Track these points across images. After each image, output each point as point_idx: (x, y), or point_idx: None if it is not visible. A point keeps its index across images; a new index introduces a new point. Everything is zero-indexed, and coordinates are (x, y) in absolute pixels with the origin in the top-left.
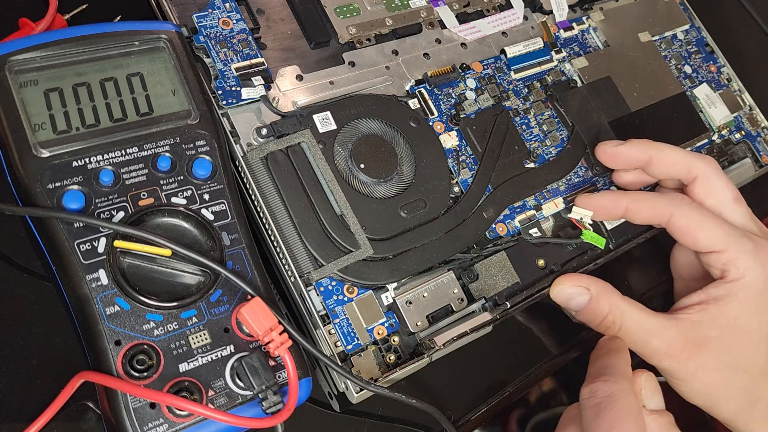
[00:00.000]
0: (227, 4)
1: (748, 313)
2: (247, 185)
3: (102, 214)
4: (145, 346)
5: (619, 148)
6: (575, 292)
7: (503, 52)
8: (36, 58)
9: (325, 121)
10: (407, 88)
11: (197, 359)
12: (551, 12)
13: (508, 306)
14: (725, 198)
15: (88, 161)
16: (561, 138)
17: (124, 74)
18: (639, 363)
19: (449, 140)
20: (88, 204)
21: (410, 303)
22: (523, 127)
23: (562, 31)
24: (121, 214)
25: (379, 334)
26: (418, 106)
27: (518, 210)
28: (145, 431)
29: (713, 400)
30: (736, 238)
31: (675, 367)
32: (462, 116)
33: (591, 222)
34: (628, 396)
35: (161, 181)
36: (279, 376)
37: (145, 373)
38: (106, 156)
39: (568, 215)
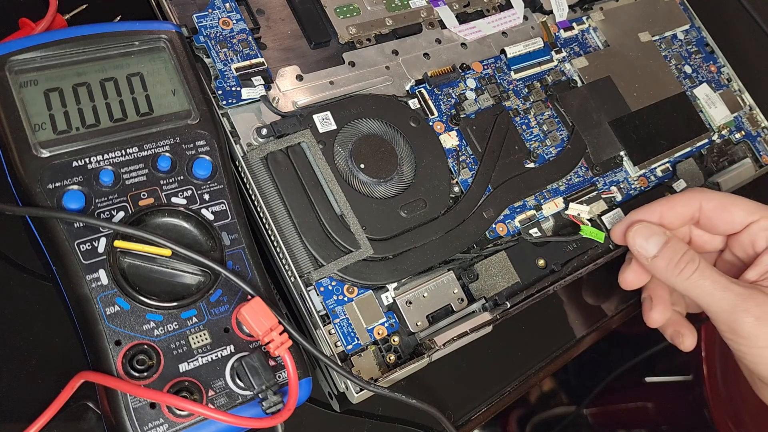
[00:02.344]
0: (227, 4)
1: None
2: (247, 185)
3: (102, 214)
4: (145, 346)
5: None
6: (653, 232)
7: (503, 52)
8: (36, 58)
9: (325, 121)
10: (407, 88)
11: (197, 359)
12: (551, 12)
13: (508, 306)
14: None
15: (88, 161)
16: (561, 138)
17: (124, 74)
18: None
19: (449, 140)
20: (88, 204)
21: (410, 303)
22: (523, 127)
23: (562, 31)
24: (121, 214)
25: (379, 334)
26: (418, 106)
27: (518, 210)
28: (145, 431)
29: None
30: (766, 208)
31: (757, 329)
32: (462, 116)
33: (588, 218)
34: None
35: (161, 181)
36: (279, 376)
37: (145, 373)
38: (106, 156)
39: (566, 212)
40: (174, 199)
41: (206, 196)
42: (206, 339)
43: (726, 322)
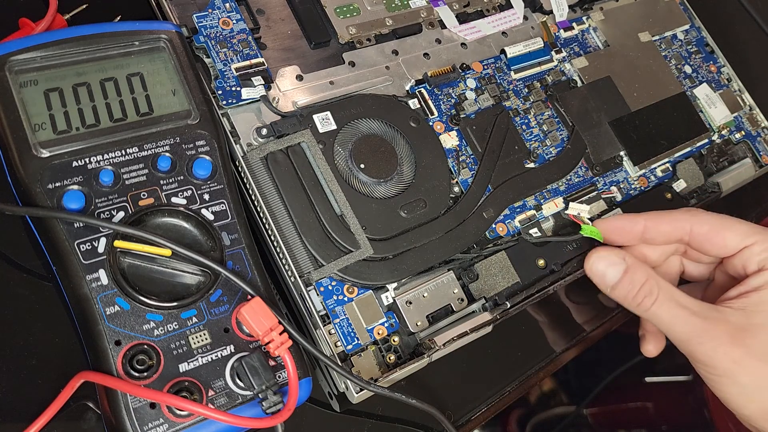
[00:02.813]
0: (227, 4)
1: None
2: (247, 185)
3: (102, 214)
4: (145, 346)
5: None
6: (611, 261)
7: (503, 52)
8: (36, 58)
9: (325, 121)
10: (407, 88)
11: (197, 359)
12: (551, 12)
13: (508, 306)
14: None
15: (88, 161)
16: (561, 138)
17: (124, 74)
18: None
19: (449, 140)
20: (88, 204)
21: (410, 303)
22: (523, 127)
23: (562, 31)
24: (121, 214)
25: (379, 334)
26: (418, 106)
27: (518, 210)
28: (145, 431)
29: (760, 396)
30: (760, 232)
31: (717, 355)
32: (462, 116)
33: (589, 217)
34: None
35: (161, 181)
36: (279, 376)
37: (145, 373)
38: (106, 156)
39: (565, 212)
40: (174, 199)
41: (206, 196)
42: (206, 339)
43: (685, 351)
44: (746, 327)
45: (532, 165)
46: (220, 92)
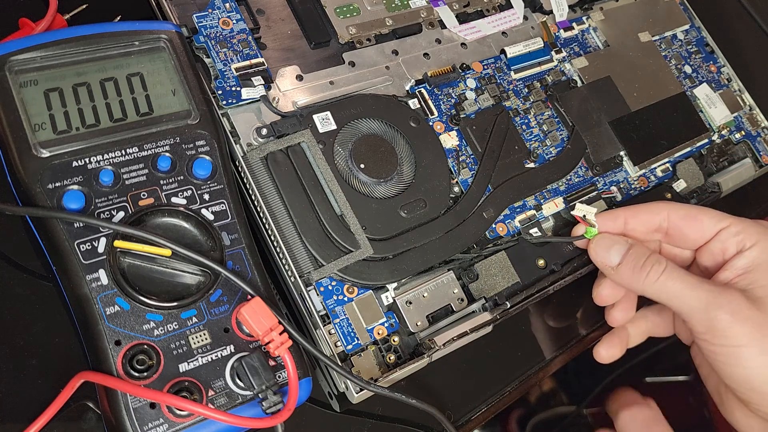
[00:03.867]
0: (227, 4)
1: None
2: (247, 185)
3: (102, 214)
4: (145, 346)
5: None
6: (614, 240)
7: (503, 52)
8: (36, 58)
9: (325, 121)
10: (407, 88)
11: (197, 359)
12: (551, 12)
13: (508, 306)
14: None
15: (88, 161)
16: (561, 138)
17: (124, 74)
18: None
19: (449, 140)
20: (88, 204)
21: (410, 303)
22: (523, 127)
23: (562, 31)
24: (121, 214)
25: (379, 334)
26: (418, 106)
27: (518, 210)
28: (145, 431)
29: None
30: (733, 216)
31: (738, 319)
32: (462, 116)
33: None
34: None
35: (161, 181)
36: (279, 376)
37: (145, 373)
38: (106, 156)
39: (572, 212)
40: (174, 199)
41: (206, 196)
42: (206, 339)
43: (701, 321)
44: (754, 299)
45: (532, 165)
46: (220, 92)
